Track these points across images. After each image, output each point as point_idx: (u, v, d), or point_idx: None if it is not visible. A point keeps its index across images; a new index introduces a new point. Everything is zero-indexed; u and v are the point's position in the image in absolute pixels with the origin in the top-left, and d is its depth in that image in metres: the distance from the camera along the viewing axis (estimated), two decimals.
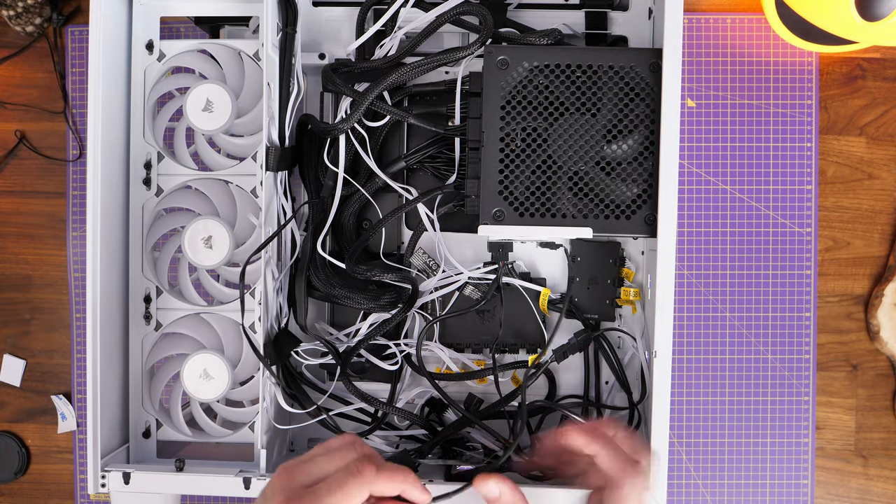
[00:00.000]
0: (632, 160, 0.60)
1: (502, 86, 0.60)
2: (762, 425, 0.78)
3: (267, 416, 0.62)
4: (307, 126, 0.66)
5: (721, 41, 0.78)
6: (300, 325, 0.65)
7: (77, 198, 0.81)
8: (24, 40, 0.81)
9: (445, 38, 0.69)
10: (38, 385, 0.82)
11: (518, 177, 0.60)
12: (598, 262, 0.67)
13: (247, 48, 0.64)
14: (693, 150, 0.78)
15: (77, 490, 0.82)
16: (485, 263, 0.68)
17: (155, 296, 0.65)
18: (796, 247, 0.78)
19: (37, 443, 0.82)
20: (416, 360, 0.65)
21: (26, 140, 0.82)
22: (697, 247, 0.78)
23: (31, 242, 0.82)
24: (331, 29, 0.69)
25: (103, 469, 0.61)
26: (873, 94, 0.79)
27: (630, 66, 0.60)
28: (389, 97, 0.65)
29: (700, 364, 0.78)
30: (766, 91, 0.78)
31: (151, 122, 0.65)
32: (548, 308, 0.67)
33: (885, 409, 0.79)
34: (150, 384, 0.65)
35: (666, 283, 0.58)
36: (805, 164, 0.78)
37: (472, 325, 0.68)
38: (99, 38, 0.61)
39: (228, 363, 0.62)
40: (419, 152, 0.66)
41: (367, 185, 0.66)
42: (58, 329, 0.82)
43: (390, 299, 0.64)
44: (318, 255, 0.64)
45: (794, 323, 0.78)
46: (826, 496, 0.78)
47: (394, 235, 0.69)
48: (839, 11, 0.67)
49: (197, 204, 0.65)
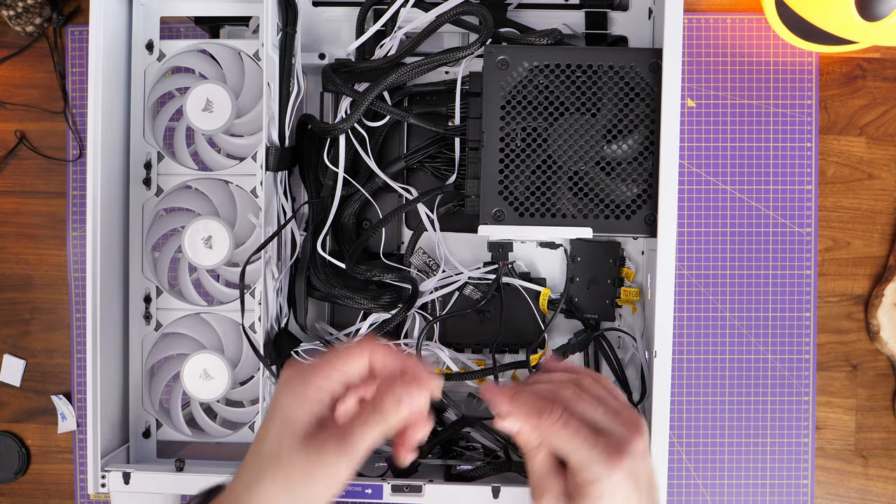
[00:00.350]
0: (632, 160, 0.60)
1: (502, 86, 0.60)
2: (762, 425, 0.78)
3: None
4: (307, 126, 0.66)
5: (721, 41, 0.78)
6: (300, 325, 0.65)
7: (77, 198, 0.81)
8: (24, 40, 0.81)
9: (445, 38, 0.69)
10: (38, 385, 0.82)
11: (518, 177, 0.60)
12: (598, 262, 0.67)
13: (247, 48, 0.64)
14: (693, 150, 0.78)
15: (77, 490, 0.82)
16: (485, 263, 0.68)
17: (155, 296, 0.65)
18: (796, 247, 0.78)
19: (37, 443, 0.82)
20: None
21: (26, 140, 0.82)
22: (697, 247, 0.78)
23: (31, 242, 0.82)
24: (331, 29, 0.69)
25: (103, 469, 0.61)
26: (873, 94, 0.79)
27: (630, 66, 0.60)
28: (389, 97, 0.65)
29: (700, 364, 0.78)
30: (766, 91, 0.78)
31: (151, 122, 0.65)
32: (548, 308, 0.67)
33: (885, 409, 0.79)
34: (150, 384, 0.65)
35: (666, 283, 0.58)
36: (805, 164, 0.78)
37: (472, 325, 0.68)
38: (99, 38, 0.61)
39: (228, 363, 0.62)
40: (419, 152, 0.66)
41: (367, 185, 0.66)
42: (58, 329, 0.82)
43: (390, 299, 0.64)
44: (318, 255, 0.64)
45: (794, 323, 0.78)
46: (826, 496, 0.78)
47: (394, 235, 0.69)
48: (839, 11, 0.67)
49: (197, 204, 0.65)
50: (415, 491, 0.58)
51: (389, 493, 0.59)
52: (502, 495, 0.58)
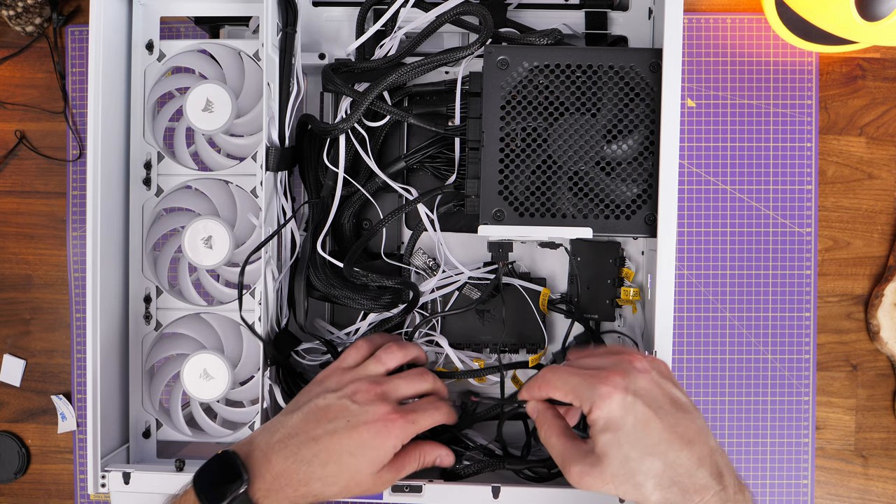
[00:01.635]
0: (632, 160, 0.60)
1: (502, 86, 0.60)
2: (762, 425, 0.78)
3: (267, 416, 0.62)
4: (307, 126, 0.66)
5: (721, 41, 0.78)
6: (300, 325, 0.65)
7: (77, 198, 0.81)
8: (24, 40, 0.81)
9: (445, 38, 0.69)
10: (38, 385, 0.82)
11: (518, 177, 0.60)
12: (598, 262, 0.67)
13: (247, 48, 0.64)
14: (693, 150, 0.78)
15: (77, 490, 0.82)
16: (485, 263, 0.68)
17: (155, 296, 0.65)
18: (796, 247, 0.78)
19: (37, 443, 0.82)
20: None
21: (26, 140, 0.82)
22: (697, 247, 0.78)
23: (31, 242, 0.82)
24: (331, 29, 0.69)
25: (103, 469, 0.61)
26: (873, 94, 0.79)
27: (630, 66, 0.60)
28: (389, 97, 0.65)
29: (700, 364, 0.78)
30: (766, 91, 0.78)
31: (151, 122, 0.65)
32: (548, 308, 0.67)
33: (885, 409, 0.79)
34: (150, 384, 0.65)
35: (666, 283, 0.58)
36: (805, 164, 0.78)
37: (472, 325, 0.68)
38: (99, 38, 0.61)
39: (228, 363, 0.62)
40: (419, 152, 0.66)
41: (367, 185, 0.66)
42: (58, 329, 0.82)
43: (390, 299, 0.64)
44: (317, 255, 0.64)
45: (794, 323, 0.78)
46: (826, 496, 0.78)
47: (394, 235, 0.69)
48: (839, 11, 0.67)
49: (197, 204, 0.65)
50: (415, 491, 0.59)
51: (389, 492, 0.59)
52: (502, 495, 0.58)
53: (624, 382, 0.47)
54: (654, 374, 0.48)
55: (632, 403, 0.46)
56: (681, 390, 0.49)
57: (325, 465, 0.51)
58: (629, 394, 0.46)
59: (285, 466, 0.51)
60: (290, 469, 0.51)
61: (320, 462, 0.51)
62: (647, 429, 0.46)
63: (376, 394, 0.55)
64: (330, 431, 0.52)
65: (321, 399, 0.55)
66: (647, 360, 0.49)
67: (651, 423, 0.46)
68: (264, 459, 0.51)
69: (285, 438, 0.53)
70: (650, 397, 0.47)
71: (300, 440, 0.52)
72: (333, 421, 0.53)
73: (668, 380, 0.49)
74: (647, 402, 0.46)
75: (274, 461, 0.51)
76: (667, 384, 0.48)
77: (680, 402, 0.48)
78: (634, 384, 0.47)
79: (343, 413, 0.53)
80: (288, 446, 0.52)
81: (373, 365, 0.58)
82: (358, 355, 0.59)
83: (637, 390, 0.47)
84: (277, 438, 0.53)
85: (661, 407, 0.47)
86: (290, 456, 0.52)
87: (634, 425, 0.46)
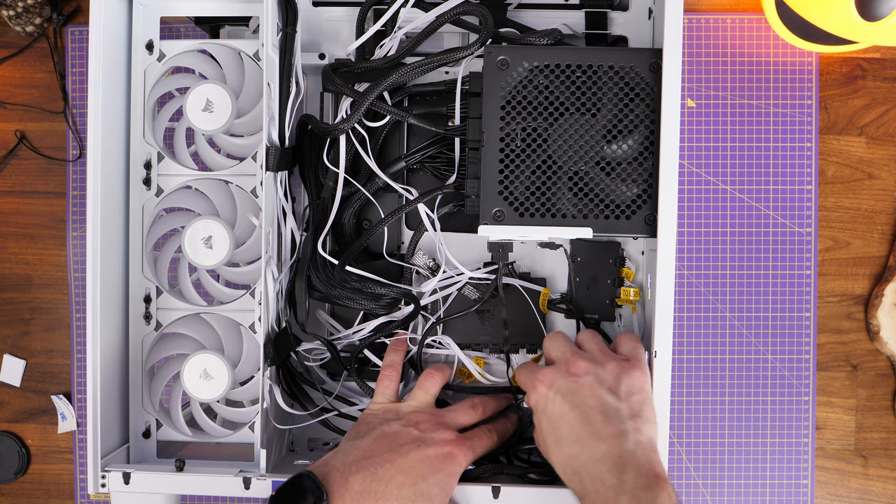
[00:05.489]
0: (632, 160, 0.60)
1: (502, 86, 0.60)
2: (762, 425, 0.78)
3: (267, 416, 0.62)
4: (307, 126, 0.66)
5: (721, 41, 0.78)
6: (300, 325, 0.65)
7: (77, 198, 0.81)
8: (24, 40, 0.81)
9: (445, 38, 0.69)
10: (38, 385, 0.82)
11: (518, 177, 0.60)
12: (598, 262, 0.67)
13: (247, 48, 0.64)
14: (693, 150, 0.78)
15: (77, 490, 0.82)
16: (485, 264, 0.68)
17: (155, 296, 0.65)
18: (796, 247, 0.78)
19: (37, 443, 0.82)
20: (416, 358, 0.65)
21: (26, 140, 0.82)
22: (697, 247, 0.78)
23: (31, 242, 0.82)
24: (331, 29, 0.69)
25: (103, 469, 0.61)
26: (873, 94, 0.79)
27: (630, 66, 0.60)
28: (389, 97, 0.65)
29: (700, 364, 0.78)
30: (766, 91, 0.78)
31: (151, 122, 0.65)
32: (548, 308, 0.67)
33: (885, 409, 0.79)
34: (150, 384, 0.65)
35: (666, 283, 0.58)
36: (805, 164, 0.78)
37: (472, 326, 0.68)
38: (99, 38, 0.61)
39: (228, 363, 0.62)
40: (419, 152, 0.66)
41: (368, 185, 0.66)
42: (58, 329, 0.82)
43: (391, 299, 0.64)
44: (318, 255, 0.64)
45: (794, 323, 0.78)
46: (826, 496, 0.78)
47: (394, 235, 0.69)
48: (839, 11, 0.67)
49: (197, 204, 0.65)
50: None
51: None
52: (502, 495, 0.58)
53: (551, 380, 0.55)
54: (588, 379, 0.55)
55: (552, 398, 0.55)
56: (624, 401, 0.54)
57: (401, 488, 0.54)
58: (551, 390, 0.55)
59: (364, 486, 0.53)
60: (369, 488, 0.53)
61: (397, 484, 0.54)
62: (560, 422, 0.54)
63: (438, 423, 0.59)
64: (402, 454, 0.55)
65: (387, 426, 0.58)
66: (601, 368, 0.55)
67: (566, 417, 0.54)
68: (342, 480, 0.53)
69: (361, 459, 0.55)
70: (574, 397, 0.54)
71: (376, 461, 0.54)
72: (404, 445, 0.56)
73: (606, 388, 0.54)
74: (568, 400, 0.54)
75: (352, 481, 0.53)
76: (601, 390, 0.54)
77: (608, 407, 0.53)
78: (559, 383, 0.55)
79: (411, 439, 0.56)
80: (366, 467, 0.54)
81: (421, 394, 0.61)
82: (392, 385, 0.63)
83: (560, 388, 0.55)
84: (353, 459, 0.55)
85: (580, 406, 0.53)
86: (368, 476, 0.54)
87: (550, 416, 0.54)
